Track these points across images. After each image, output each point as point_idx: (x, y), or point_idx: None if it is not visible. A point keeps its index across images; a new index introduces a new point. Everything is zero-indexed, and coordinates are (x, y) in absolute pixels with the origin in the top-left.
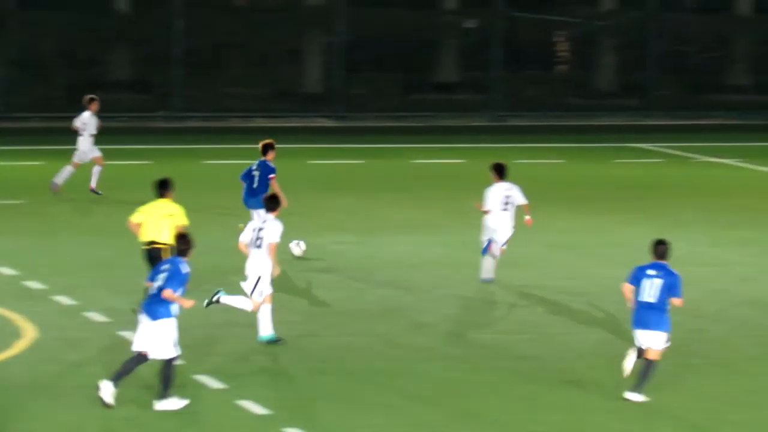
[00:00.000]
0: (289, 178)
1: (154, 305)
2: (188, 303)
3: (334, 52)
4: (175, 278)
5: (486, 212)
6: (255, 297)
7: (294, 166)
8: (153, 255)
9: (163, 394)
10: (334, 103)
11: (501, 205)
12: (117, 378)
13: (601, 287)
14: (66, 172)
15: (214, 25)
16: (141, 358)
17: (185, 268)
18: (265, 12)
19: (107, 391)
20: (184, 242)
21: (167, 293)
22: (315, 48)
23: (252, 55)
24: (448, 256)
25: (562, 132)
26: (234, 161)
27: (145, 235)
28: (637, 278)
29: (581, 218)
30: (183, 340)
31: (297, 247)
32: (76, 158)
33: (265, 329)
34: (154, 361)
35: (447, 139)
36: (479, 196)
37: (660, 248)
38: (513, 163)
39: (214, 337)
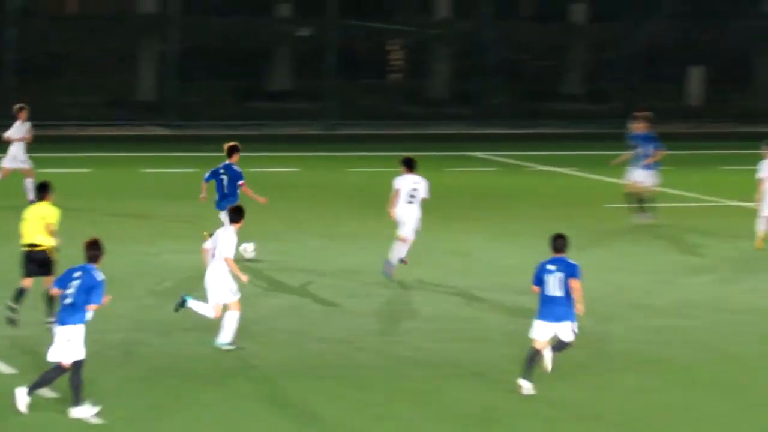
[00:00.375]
0: (121, 186)
1: (67, 314)
2: (106, 299)
3: (167, 60)
4: (96, 290)
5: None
6: (216, 304)
7: (127, 174)
8: (32, 257)
9: (76, 401)
10: (168, 112)
11: (407, 198)
12: (35, 387)
13: (436, 294)
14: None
15: (47, 33)
16: (61, 368)
17: (99, 276)
18: (99, 20)
19: (22, 399)
20: (95, 248)
21: (94, 308)
22: (148, 56)
23: (86, 63)
24: (283, 263)
25: (396, 141)
26: (69, 170)
27: (24, 238)
28: (539, 277)
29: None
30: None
31: (245, 252)
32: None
33: (225, 336)
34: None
35: (281, 148)
36: (314, 205)
37: (558, 242)
38: (346, 172)
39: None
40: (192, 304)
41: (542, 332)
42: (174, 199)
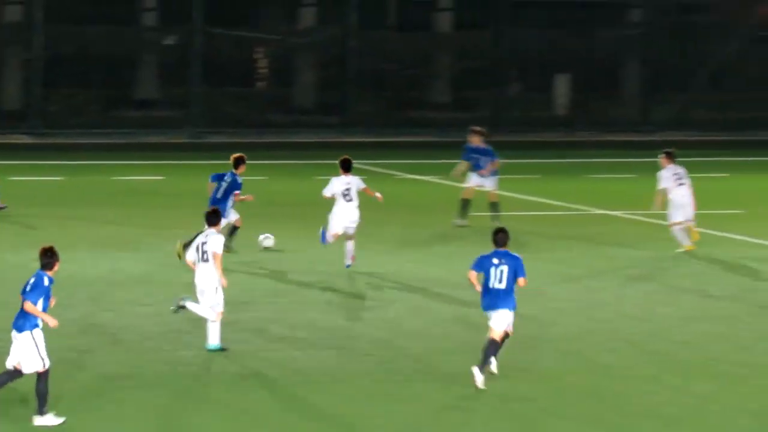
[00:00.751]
0: None
1: (20, 318)
2: (52, 322)
3: (32, 68)
4: (36, 289)
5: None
6: (216, 307)
7: None
8: None
9: (41, 410)
10: (32, 120)
11: (342, 196)
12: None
13: (297, 303)
14: None
15: None
16: (15, 373)
17: (47, 281)
18: None
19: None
20: (48, 256)
21: (28, 305)
22: (13, 64)
23: None
24: (148, 273)
25: (262, 149)
26: None
27: None
28: (482, 266)
29: (282, 234)
30: None
31: (267, 240)
32: None
33: (214, 338)
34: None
35: (147, 156)
36: (178, 212)
37: (499, 236)
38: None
39: None
40: (191, 306)
41: (498, 322)
42: (37, 207)
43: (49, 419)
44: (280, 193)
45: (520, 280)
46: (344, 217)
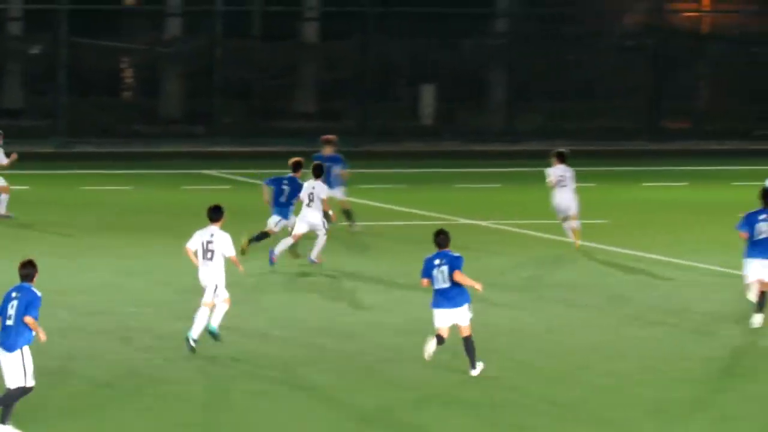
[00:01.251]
0: None
1: (13, 336)
2: (43, 336)
3: None
4: (34, 304)
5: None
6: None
7: None
8: None
9: (4, 419)
10: None
11: (306, 200)
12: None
13: (168, 311)
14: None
15: None
16: (22, 390)
17: (38, 293)
18: None
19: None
20: (29, 267)
21: (30, 320)
22: None
23: None
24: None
25: (129, 158)
26: None
27: None
28: (427, 271)
29: (150, 244)
30: None
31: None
32: None
33: (216, 320)
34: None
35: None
36: (44, 222)
37: (439, 238)
38: (80, 190)
39: None
40: (196, 332)
41: (442, 320)
42: None
43: (8, 429)
44: (147, 202)
45: (455, 273)
46: (317, 219)
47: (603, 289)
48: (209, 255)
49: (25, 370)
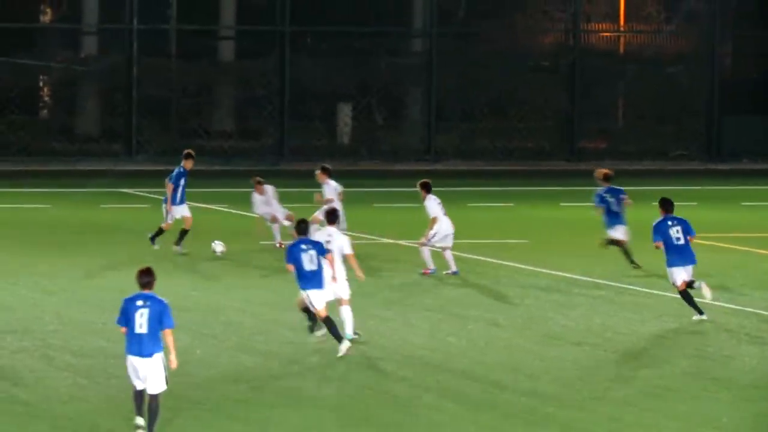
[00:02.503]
0: None
1: (148, 342)
2: (173, 353)
3: None
4: (167, 313)
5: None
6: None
7: None
8: None
9: (151, 427)
10: None
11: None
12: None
13: (88, 329)
14: None
15: None
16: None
17: (165, 300)
18: None
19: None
20: (149, 275)
21: (170, 332)
22: None
23: None
24: None
25: (46, 177)
26: None
27: None
28: (294, 255)
29: (67, 262)
30: None
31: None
32: None
33: (350, 328)
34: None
35: None
36: None
37: (300, 227)
38: None
39: None
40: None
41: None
42: None
43: None
44: (65, 221)
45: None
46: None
47: (522, 308)
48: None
49: (165, 375)
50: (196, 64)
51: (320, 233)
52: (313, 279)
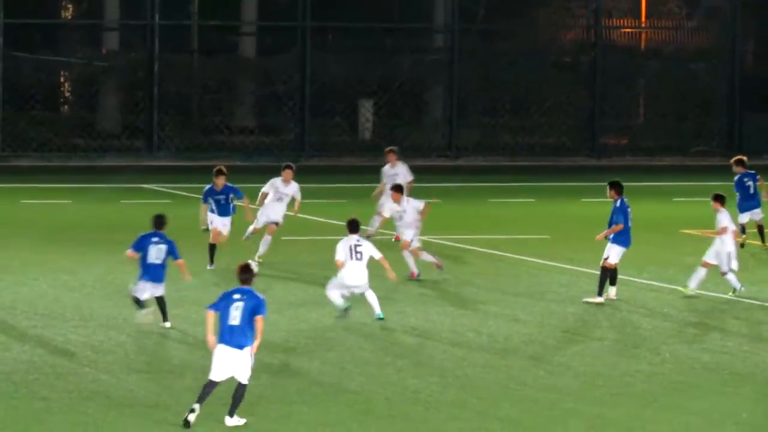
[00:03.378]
0: None
1: (240, 334)
2: (258, 340)
3: None
4: (264, 306)
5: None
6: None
7: None
8: None
9: (232, 411)
10: None
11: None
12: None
13: (109, 324)
14: None
15: None
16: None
17: (261, 296)
18: None
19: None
20: (247, 272)
21: (262, 321)
22: None
23: None
24: None
25: (67, 173)
26: None
27: None
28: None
29: (88, 258)
30: None
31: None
32: None
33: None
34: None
35: None
36: None
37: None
38: (19, 204)
39: None
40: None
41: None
42: None
43: (236, 420)
44: (86, 217)
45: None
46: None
47: (543, 304)
48: (358, 256)
49: (252, 366)
50: (217, 60)
51: (347, 239)
52: (152, 272)
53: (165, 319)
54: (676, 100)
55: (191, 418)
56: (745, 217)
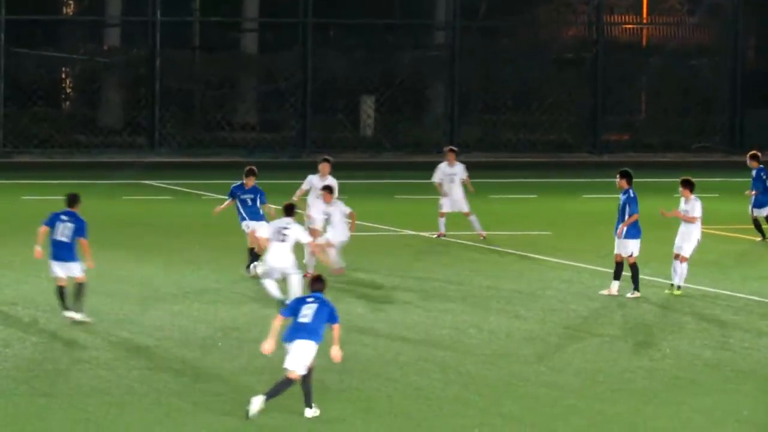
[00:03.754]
0: None
1: (314, 330)
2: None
3: None
4: (335, 312)
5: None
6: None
7: None
8: None
9: (309, 402)
10: None
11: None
12: (270, 396)
13: (110, 321)
14: None
15: None
16: (291, 381)
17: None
18: None
19: (256, 404)
20: (319, 281)
21: (338, 329)
22: None
23: None
24: None
25: (69, 169)
26: None
27: None
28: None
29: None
30: None
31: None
32: None
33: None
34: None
35: None
36: None
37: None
38: (20, 200)
39: None
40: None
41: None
42: None
43: (315, 411)
44: (88, 213)
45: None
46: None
47: (544, 300)
48: (282, 237)
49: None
50: (219, 56)
51: (277, 221)
52: (57, 249)
53: (65, 308)
54: (677, 97)
55: (255, 409)
56: (764, 212)
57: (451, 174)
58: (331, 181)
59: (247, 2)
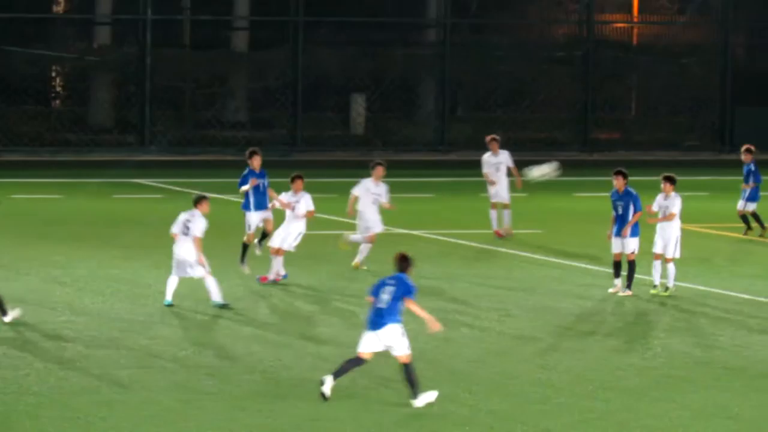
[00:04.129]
0: None
1: (386, 316)
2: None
3: None
4: (411, 292)
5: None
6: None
7: None
8: None
9: (415, 393)
10: None
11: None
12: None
13: (100, 319)
14: None
15: None
16: (360, 360)
17: (412, 283)
18: None
19: (328, 385)
20: (405, 261)
21: (413, 303)
22: None
23: None
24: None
25: (59, 167)
26: None
27: None
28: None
29: (80, 253)
30: None
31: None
32: None
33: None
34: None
35: None
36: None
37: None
38: (10, 199)
39: None
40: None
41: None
42: None
43: (426, 398)
44: (78, 211)
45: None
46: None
47: (535, 298)
48: (186, 231)
49: (405, 341)
50: (209, 54)
51: (184, 214)
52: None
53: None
54: (668, 95)
55: (326, 390)
56: (752, 207)
57: (496, 163)
58: (384, 187)
59: (237, 0)
